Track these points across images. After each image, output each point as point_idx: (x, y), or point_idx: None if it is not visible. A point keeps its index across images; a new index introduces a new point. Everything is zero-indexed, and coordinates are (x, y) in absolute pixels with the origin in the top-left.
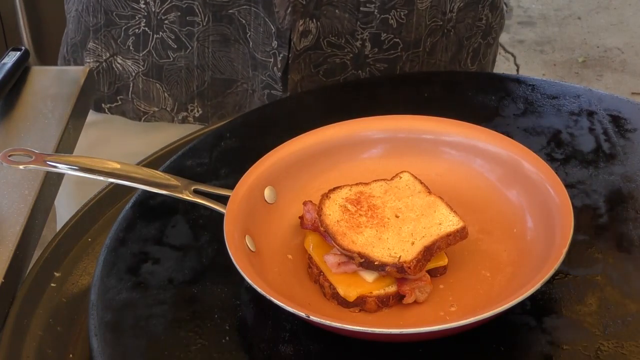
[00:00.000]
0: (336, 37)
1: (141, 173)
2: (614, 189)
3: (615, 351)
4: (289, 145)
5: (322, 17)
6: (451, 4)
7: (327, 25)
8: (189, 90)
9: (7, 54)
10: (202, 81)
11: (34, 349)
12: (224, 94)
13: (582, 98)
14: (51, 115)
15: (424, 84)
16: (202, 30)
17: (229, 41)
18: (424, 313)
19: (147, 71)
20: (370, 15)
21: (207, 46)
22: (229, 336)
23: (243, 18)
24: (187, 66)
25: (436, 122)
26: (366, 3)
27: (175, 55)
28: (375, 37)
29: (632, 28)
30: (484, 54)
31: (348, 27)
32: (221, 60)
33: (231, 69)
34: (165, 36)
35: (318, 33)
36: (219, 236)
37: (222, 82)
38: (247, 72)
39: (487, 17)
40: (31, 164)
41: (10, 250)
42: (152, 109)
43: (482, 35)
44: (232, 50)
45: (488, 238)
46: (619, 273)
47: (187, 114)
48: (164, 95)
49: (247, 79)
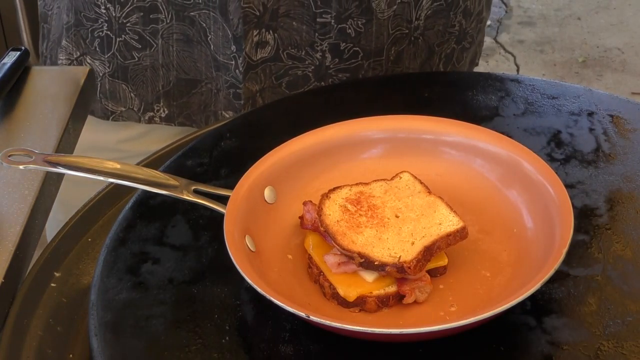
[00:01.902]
0: (296, 49)
1: (141, 173)
2: (614, 189)
3: (615, 351)
4: (289, 145)
5: (279, 29)
6: (417, 11)
7: (285, 37)
8: (154, 90)
9: (7, 54)
10: (168, 81)
11: (34, 349)
12: (190, 93)
13: (582, 98)
14: (51, 115)
15: (424, 84)
16: (166, 28)
17: (192, 42)
18: (424, 313)
19: (112, 72)
20: (328, 26)
21: (171, 44)
22: (229, 336)
23: (203, 21)
24: (153, 65)
25: (436, 122)
26: (322, 14)
27: (140, 55)
28: (335, 47)
29: (632, 28)
30: (458, 58)
31: (307, 38)
32: (185, 61)
33: (195, 69)
34: (129, 38)
35: (277, 45)
36: (219, 236)
37: (186, 82)
38: (210, 73)
39: (461, 24)
40: (31, 164)
41: (10, 250)
42: (120, 109)
43: (455, 41)
44: (195, 51)
45: (488, 238)
46: (619, 273)
47: (153, 114)
48: (130, 95)
49: (210, 79)
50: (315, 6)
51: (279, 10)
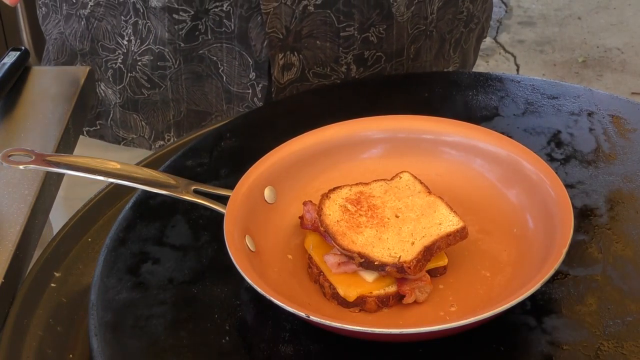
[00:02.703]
0: (321, 67)
1: (141, 173)
2: (614, 189)
3: (615, 351)
4: (289, 145)
5: (304, 50)
6: (431, 6)
7: (310, 57)
8: (165, 120)
9: (7, 54)
10: (179, 111)
11: (34, 349)
12: (199, 125)
13: (582, 98)
14: (51, 115)
15: (424, 84)
16: (174, 72)
17: (202, 77)
18: (424, 313)
19: (123, 103)
20: (351, 39)
21: (180, 84)
22: (229, 336)
23: (214, 55)
24: (163, 99)
25: (436, 122)
26: (345, 27)
27: (149, 93)
28: (359, 57)
29: (632, 28)
30: (466, 39)
31: (331, 55)
32: (195, 94)
33: (205, 101)
34: (138, 76)
35: (302, 66)
36: (219, 236)
37: (197, 114)
38: (221, 106)
39: (469, 9)
40: (31, 164)
41: (10, 250)
42: (131, 136)
43: (463, 25)
44: (206, 84)
45: (488, 238)
46: (619, 273)
47: (164, 142)
48: (141, 124)
49: (221, 112)
50: (338, 21)
51: (302, 32)
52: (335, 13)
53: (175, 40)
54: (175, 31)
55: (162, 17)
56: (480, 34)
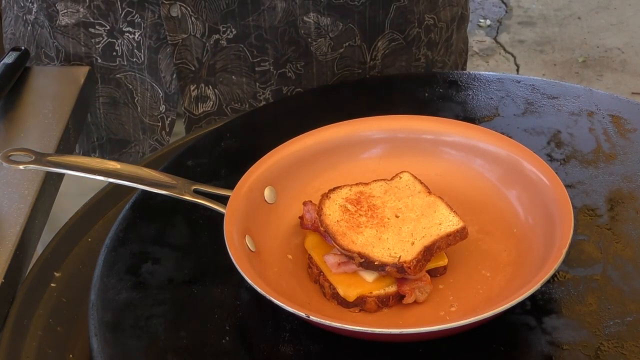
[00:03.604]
0: (239, 104)
1: (141, 173)
2: (614, 189)
3: (615, 351)
4: (289, 145)
5: (219, 85)
6: (372, 52)
7: (226, 93)
8: (89, 141)
9: (7, 54)
10: (100, 136)
11: (34, 349)
12: (120, 152)
13: (582, 98)
14: (51, 115)
15: (424, 84)
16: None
17: (119, 104)
18: (424, 313)
19: None
20: (267, 74)
21: (97, 107)
22: (229, 336)
23: (130, 83)
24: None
25: (436, 122)
26: (260, 62)
27: None
28: (277, 93)
29: (632, 28)
30: None
31: (248, 90)
32: (112, 122)
33: (123, 131)
34: None
35: (218, 100)
36: (219, 236)
37: (117, 142)
38: (137, 135)
39: (427, 56)
40: (31, 164)
41: (10, 250)
42: None
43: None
44: (123, 113)
45: (488, 238)
46: (619, 273)
47: None
48: None
49: (138, 142)
50: (252, 56)
51: (215, 66)
52: (249, 47)
53: (93, 54)
54: (92, 44)
55: (76, 34)
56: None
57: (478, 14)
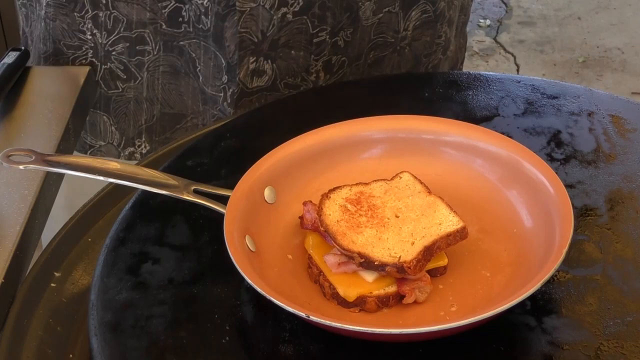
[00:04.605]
0: (292, 78)
1: (141, 173)
2: (614, 189)
3: (615, 351)
4: (289, 145)
5: (278, 59)
6: (405, 22)
7: (283, 68)
8: (136, 124)
9: (7, 54)
10: (151, 115)
11: (34, 349)
12: (173, 129)
13: (582, 98)
14: (51, 115)
15: (424, 84)
16: (152, 60)
17: (179, 74)
18: (424, 313)
19: (95, 102)
20: (323, 44)
21: (157, 77)
22: (229, 336)
23: (193, 51)
24: (136, 98)
25: (436, 122)
26: (318, 32)
27: (124, 86)
28: (327, 63)
29: (632, 28)
30: (442, 67)
31: (303, 64)
32: (171, 94)
33: (181, 103)
34: (114, 67)
35: (274, 75)
36: (219, 236)
37: (171, 117)
38: (197, 107)
39: (446, 33)
40: (31, 164)
41: (10, 250)
42: (99, 143)
43: (442, 52)
44: (182, 83)
45: (488, 238)
46: (619, 273)
47: (134, 149)
48: (111, 129)
49: (197, 114)
50: (313, 27)
51: (279, 41)
52: (311, 18)
53: (158, 20)
54: (159, 9)
55: None
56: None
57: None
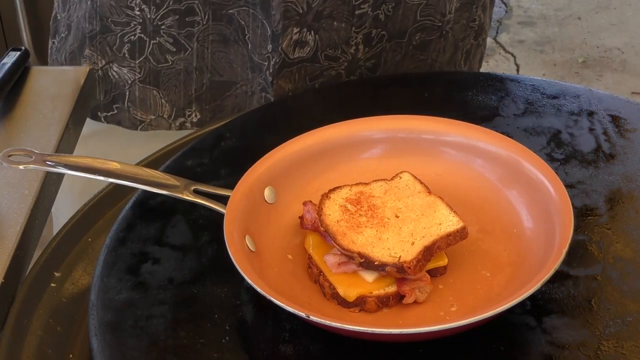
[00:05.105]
0: (333, 50)
1: (141, 173)
2: (614, 189)
3: (615, 351)
4: (289, 145)
5: (321, 30)
6: (450, 5)
7: (325, 39)
8: (187, 94)
9: (7, 54)
10: (201, 84)
11: (34, 349)
12: (223, 96)
13: (582, 98)
14: (51, 115)
15: (424, 84)
16: (201, 30)
17: (229, 42)
18: (424, 313)
19: (143, 78)
20: (364, 17)
21: (206, 46)
22: (229, 336)
23: (242, 19)
24: (186, 69)
25: (436, 122)
26: (361, 4)
27: (174, 59)
28: (367, 36)
29: (632, 28)
30: (474, 54)
31: (344, 35)
32: (220, 62)
33: (230, 70)
34: (163, 41)
35: (316, 46)
36: (219, 236)
37: (220, 85)
38: (246, 74)
39: (480, 18)
40: (31, 164)
41: (10, 250)
42: (149, 117)
43: (474, 36)
44: (232, 51)
45: (488, 238)
46: (619, 273)
47: (184, 119)
48: (161, 102)
49: (246, 81)
50: None
51: (323, 12)
52: None
53: None
54: None
55: None
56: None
57: None
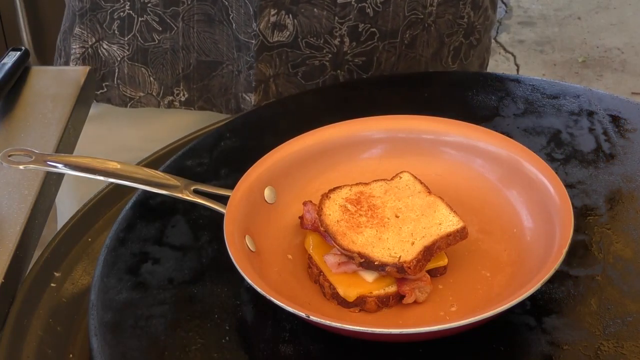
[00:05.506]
0: (315, 38)
1: (141, 173)
2: (614, 189)
3: (615, 351)
4: (289, 145)
5: (299, 15)
6: None
7: (305, 25)
8: (174, 73)
9: (7, 54)
10: (188, 63)
11: (34, 349)
12: (210, 76)
13: (582, 98)
14: (51, 115)
15: (424, 84)
16: (187, 9)
17: (214, 22)
18: (424, 313)
19: (132, 55)
20: (348, 7)
21: (192, 26)
22: (229, 336)
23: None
24: (173, 47)
25: (436, 122)
26: None
27: (160, 38)
28: (353, 29)
29: (632, 28)
30: (466, 54)
31: (326, 25)
32: (206, 42)
33: (216, 50)
34: (150, 19)
35: (296, 32)
36: (219, 236)
37: (207, 65)
38: (232, 54)
39: (469, 16)
40: (31, 164)
41: (10, 250)
42: (138, 94)
43: (463, 34)
44: (217, 31)
45: (488, 238)
46: (619, 273)
47: (173, 98)
48: (149, 79)
49: (232, 60)
50: None
51: None
52: None
53: None
54: None
55: None
56: (482, 63)
57: None
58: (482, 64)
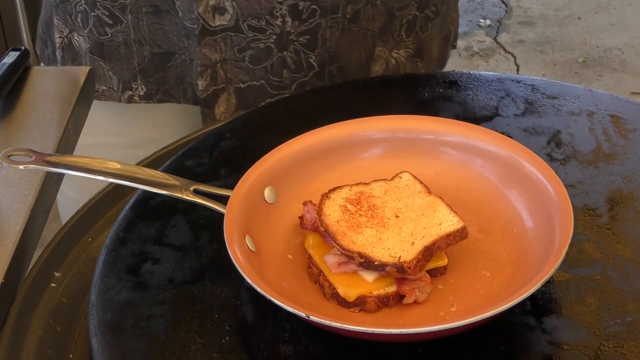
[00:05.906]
0: (256, 20)
1: (141, 173)
2: (614, 189)
3: (615, 351)
4: (289, 145)
5: None
6: None
7: (244, 7)
8: (130, 68)
9: (7, 54)
10: (142, 57)
11: (34, 349)
12: (165, 68)
13: (582, 98)
14: (51, 115)
15: (423, 84)
16: (133, 2)
17: (161, 12)
18: (424, 313)
19: (91, 48)
20: None
21: (140, 18)
22: (229, 336)
23: None
24: (125, 41)
25: (436, 122)
26: None
27: (112, 31)
28: (294, 8)
29: (632, 28)
30: (422, 27)
31: (266, 5)
32: (157, 33)
33: (167, 41)
34: (100, 13)
35: (236, 14)
36: (219, 236)
37: (161, 56)
38: (182, 43)
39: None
40: (31, 164)
41: (10, 250)
42: (102, 87)
43: (417, 8)
44: (165, 21)
45: (488, 238)
46: (619, 273)
47: (132, 92)
48: (109, 73)
49: (183, 49)
50: None
51: None
52: None
53: None
54: None
55: None
56: (447, 36)
57: (478, 14)
58: (447, 36)
